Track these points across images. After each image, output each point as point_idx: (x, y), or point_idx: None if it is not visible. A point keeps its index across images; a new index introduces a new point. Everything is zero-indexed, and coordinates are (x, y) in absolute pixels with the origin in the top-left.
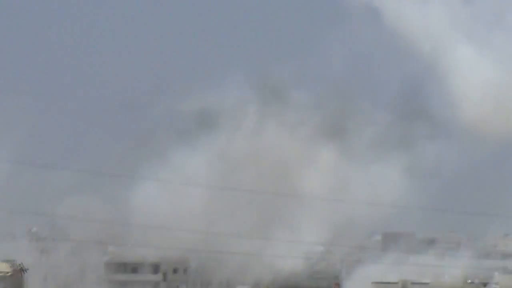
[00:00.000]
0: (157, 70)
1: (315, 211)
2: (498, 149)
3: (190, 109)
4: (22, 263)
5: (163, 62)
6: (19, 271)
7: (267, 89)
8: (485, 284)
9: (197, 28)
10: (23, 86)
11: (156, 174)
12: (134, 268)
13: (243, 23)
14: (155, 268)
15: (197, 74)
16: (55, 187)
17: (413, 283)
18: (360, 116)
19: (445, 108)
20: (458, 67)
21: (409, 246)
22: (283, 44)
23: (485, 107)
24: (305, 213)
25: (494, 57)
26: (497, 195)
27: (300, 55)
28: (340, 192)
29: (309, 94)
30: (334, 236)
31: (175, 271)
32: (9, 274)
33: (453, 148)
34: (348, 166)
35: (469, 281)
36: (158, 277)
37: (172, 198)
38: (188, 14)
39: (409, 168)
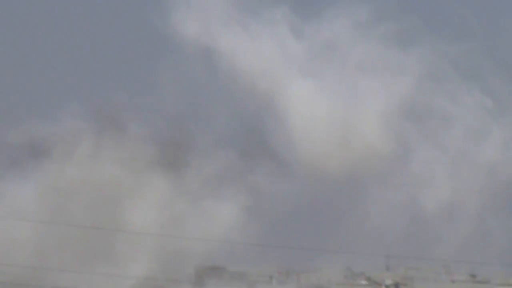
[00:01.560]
0: None
1: (144, 245)
2: (338, 185)
3: (21, 140)
4: None
5: None
6: None
7: (102, 120)
8: None
9: (30, 56)
10: None
11: None
12: None
13: (79, 51)
14: None
15: (28, 103)
16: None
17: None
18: (197, 152)
19: (285, 145)
20: (296, 104)
21: (220, 279)
22: (117, 75)
23: (325, 143)
24: (134, 247)
25: (329, 92)
26: (332, 231)
27: (135, 87)
28: (172, 226)
29: (145, 127)
30: (158, 270)
31: None
32: None
33: (292, 185)
34: (181, 200)
35: None
36: None
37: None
38: (22, 41)
39: (245, 205)
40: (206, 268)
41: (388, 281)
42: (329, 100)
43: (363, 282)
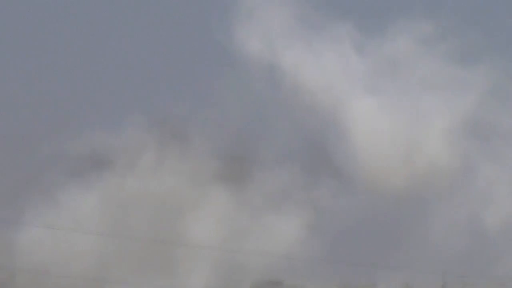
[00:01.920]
0: (48, 107)
1: (204, 258)
2: (400, 201)
3: (83, 150)
4: None
5: (56, 99)
6: None
7: (165, 132)
8: None
9: (94, 67)
10: None
11: (43, 217)
12: None
13: (143, 63)
14: None
15: (91, 113)
16: None
17: None
18: (260, 166)
19: (348, 161)
20: (359, 120)
21: None
22: (181, 88)
23: (388, 160)
24: (194, 260)
25: (392, 109)
26: (392, 247)
27: (198, 101)
28: (232, 240)
29: (208, 140)
30: (216, 284)
31: None
32: None
33: (354, 201)
34: (243, 214)
35: None
36: None
37: (59, 242)
38: (83, 51)
39: (307, 220)
40: (263, 282)
41: None
42: (392, 117)
43: None
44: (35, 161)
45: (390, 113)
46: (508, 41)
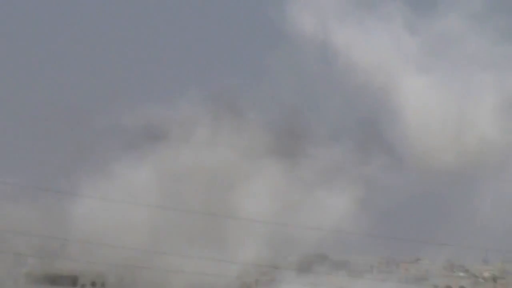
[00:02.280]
0: (104, 80)
1: (254, 231)
2: (450, 178)
3: (137, 123)
4: None
5: (110, 72)
6: None
7: (220, 106)
8: None
9: (149, 41)
10: None
11: (97, 189)
12: (53, 280)
13: (199, 39)
14: (74, 281)
15: (147, 86)
16: None
17: None
18: (312, 142)
19: (399, 138)
20: (410, 98)
21: (323, 267)
22: (235, 63)
23: (439, 137)
24: (244, 233)
25: (444, 86)
26: (438, 223)
27: (252, 76)
28: (283, 214)
29: (262, 115)
30: (265, 256)
31: (93, 284)
32: None
33: (405, 178)
34: (295, 189)
35: None
36: None
37: (112, 214)
38: (140, 26)
39: (357, 196)
40: (310, 255)
41: (486, 274)
42: (443, 94)
43: (461, 274)
44: (91, 134)
45: (441, 90)
46: None
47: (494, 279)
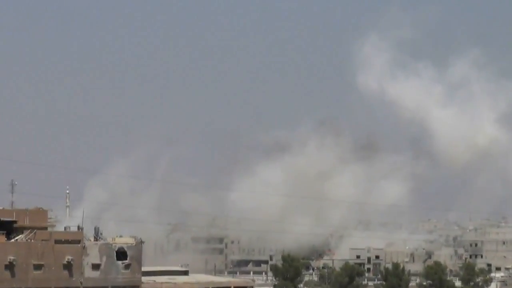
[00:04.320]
0: (247, 111)
1: (343, 207)
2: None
3: (271, 139)
4: (141, 238)
5: (251, 105)
6: (139, 243)
7: (323, 128)
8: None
9: (278, 82)
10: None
11: (245, 184)
12: (208, 240)
13: (305, 83)
14: (220, 240)
15: (275, 114)
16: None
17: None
18: (383, 151)
19: (435, 148)
20: (440, 124)
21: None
22: (334, 99)
23: (458, 147)
24: (335, 208)
25: (467, 120)
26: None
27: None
28: (361, 197)
29: (351, 134)
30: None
31: (232, 242)
32: (133, 244)
33: (438, 172)
34: (370, 181)
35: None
36: (222, 245)
37: (255, 200)
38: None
39: (408, 186)
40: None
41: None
42: (460, 121)
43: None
44: (241, 148)
45: (458, 118)
46: None
47: None
